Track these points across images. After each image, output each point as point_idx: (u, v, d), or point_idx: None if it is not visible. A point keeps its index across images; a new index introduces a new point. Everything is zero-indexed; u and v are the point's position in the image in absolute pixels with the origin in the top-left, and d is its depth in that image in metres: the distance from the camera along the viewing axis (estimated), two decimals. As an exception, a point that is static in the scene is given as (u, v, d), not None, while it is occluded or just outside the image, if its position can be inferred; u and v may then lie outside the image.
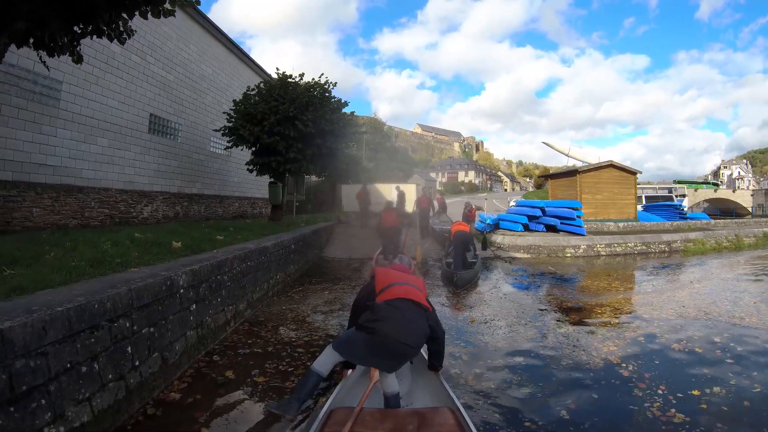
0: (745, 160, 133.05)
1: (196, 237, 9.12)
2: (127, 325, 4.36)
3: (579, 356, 6.00)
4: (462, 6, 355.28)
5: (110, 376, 4.04)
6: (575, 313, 8.45)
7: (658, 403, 4.62)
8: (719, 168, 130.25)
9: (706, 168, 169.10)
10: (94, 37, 8.73)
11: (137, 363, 4.49)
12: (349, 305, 8.97)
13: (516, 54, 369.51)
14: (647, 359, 5.93)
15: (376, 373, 3.86)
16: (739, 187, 79.66)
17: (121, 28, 8.79)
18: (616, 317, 8.19)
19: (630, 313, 8.57)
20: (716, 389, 4.95)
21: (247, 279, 8.04)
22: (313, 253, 14.77)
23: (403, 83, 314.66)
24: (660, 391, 4.91)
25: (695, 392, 4.89)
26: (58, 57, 8.56)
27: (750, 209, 50.33)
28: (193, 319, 5.76)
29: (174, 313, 5.29)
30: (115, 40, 9.05)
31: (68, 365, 3.50)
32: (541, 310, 8.76)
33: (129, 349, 4.37)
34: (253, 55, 29.18)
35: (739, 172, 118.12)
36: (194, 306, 5.80)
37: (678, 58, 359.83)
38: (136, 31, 9.17)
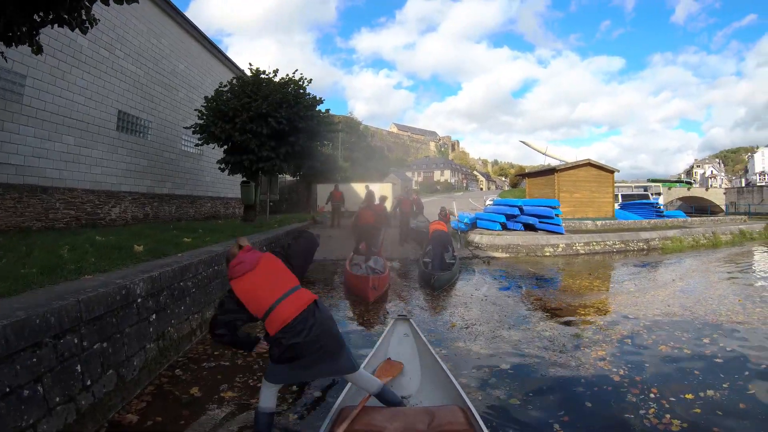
0: (717, 160, 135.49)
1: (162, 240, 8.64)
2: (76, 341, 3.91)
3: (567, 362, 5.69)
4: (441, 6, 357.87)
5: (57, 399, 3.60)
6: (559, 316, 8.17)
7: (653, 409, 4.38)
8: (692, 167, 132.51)
9: (679, 167, 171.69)
10: (56, 26, 8.31)
11: (89, 382, 4.04)
12: (329, 307, 8.64)
13: (493, 55, 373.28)
14: (637, 362, 5.68)
15: (381, 375, 4.08)
16: (712, 186, 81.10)
17: (84, 17, 8.33)
18: (601, 319, 7.94)
19: (615, 313, 8.32)
20: (710, 392, 4.74)
21: (215, 284, 7.56)
22: (287, 255, 14.13)
23: (380, 83, 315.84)
24: (653, 395, 4.69)
25: (689, 396, 4.67)
26: (16, 47, 8.12)
27: (723, 207, 51.00)
28: (153, 331, 5.30)
29: (131, 324, 4.83)
30: (77, 30, 8.62)
31: (7, 390, 3.06)
32: (524, 312, 8.45)
33: (78, 367, 3.92)
34: (230, 54, 28.66)
35: (712, 171, 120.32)
36: (154, 316, 5.34)
37: (653, 60, 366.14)
38: (99, 20, 8.74)
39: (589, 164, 24.85)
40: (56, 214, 13.96)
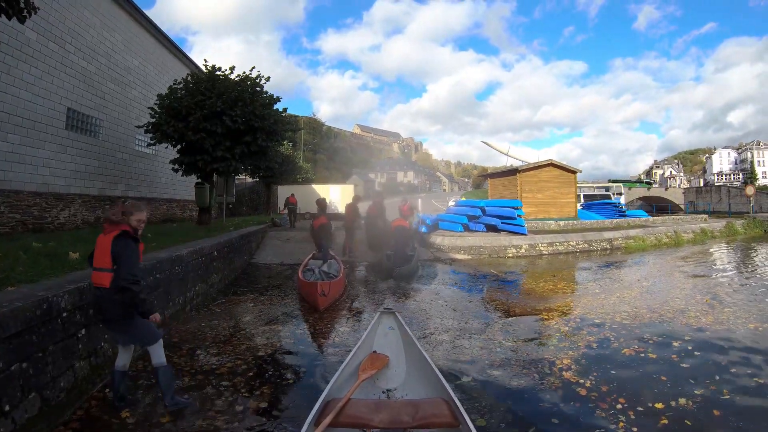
0: (676, 161, 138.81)
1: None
2: (-13, 362, 3.48)
3: (531, 375, 5.36)
4: (408, 9, 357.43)
5: None
6: (523, 322, 7.87)
7: (622, 423, 4.16)
8: (652, 167, 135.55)
9: (638, 167, 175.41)
10: None
11: (7, 408, 3.60)
12: (279, 318, 8.27)
13: (458, 57, 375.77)
14: (604, 371, 5.44)
15: (366, 368, 4.43)
16: (671, 186, 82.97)
17: (21, 4, 7.88)
18: (566, 324, 7.65)
19: (580, 318, 8.05)
20: (682, 401, 4.56)
21: (157, 293, 7.05)
22: (241, 260, 13.81)
23: (345, 84, 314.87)
24: (620, 406, 4.48)
25: (659, 405, 4.47)
26: None
27: (683, 206, 52.08)
28: (82, 348, 4.80)
29: (56, 342, 4.34)
30: (18, 20, 8.15)
31: None
32: (486, 319, 8.12)
33: (-6, 392, 3.49)
34: (195, 53, 28.04)
35: (671, 172, 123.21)
36: (84, 331, 4.84)
37: (614, 64, 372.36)
38: (38, 8, 8.25)
39: (552, 165, 24.92)
40: (0, 218, 13.22)
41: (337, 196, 30.33)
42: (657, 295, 9.70)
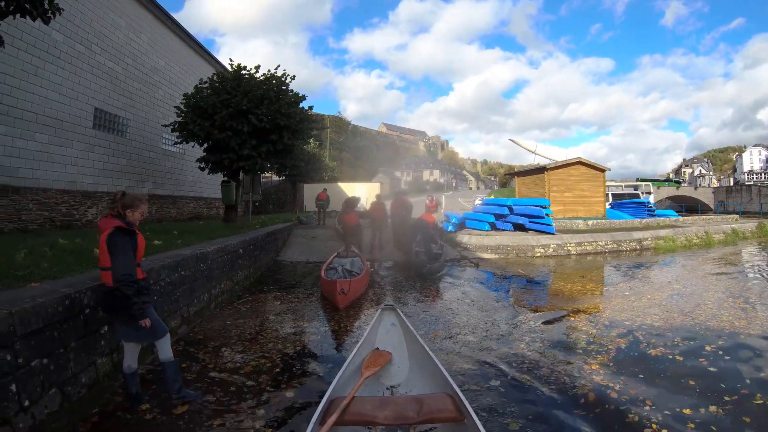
0: (705, 159, 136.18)
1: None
2: (9, 357, 3.45)
3: (561, 379, 5.20)
4: (433, 8, 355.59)
5: None
6: (551, 323, 7.69)
7: (655, 425, 4.06)
8: (681, 166, 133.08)
9: (666, 167, 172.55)
10: (24, 19, 7.94)
11: (27, 403, 3.58)
12: (305, 316, 8.21)
13: (484, 56, 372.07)
14: (634, 375, 5.26)
15: (369, 365, 4.44)
16: (700, 185, 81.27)
17: (46, 5, 7.94)
18: (595, 326, 7.43)
19: (610, 320, 7.81)
20: (712, 408, 4.38)
21: (181, 290, 7.04)
22: (267, 257, 13.83)
23: (372, 83, 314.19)
24: (648, 408, 4.39)
25: (687, 411, 4.33)
26: None
27: (712, 206, 50.98)
28: (104, 344, 4.80)
29: (78, 338, 4.33)
30: (45, 22, 8.24)
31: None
32: (514, 320, 7.94)
33: (13, 386, 3.47)
34: (223, 55, 28.16)
35: (700, 171, 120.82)
36: (106, 327, 4.82)
37: (642, 61, 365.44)
38: (63, 9, 8.30)
39: (580, 163, 24.49)
40: (29, 215, 13.44)
41: (363, 194, 30.24)
42: (689, 298, 9.39)
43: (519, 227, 18.08)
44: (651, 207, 28.29)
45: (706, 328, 7.10)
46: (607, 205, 26.85)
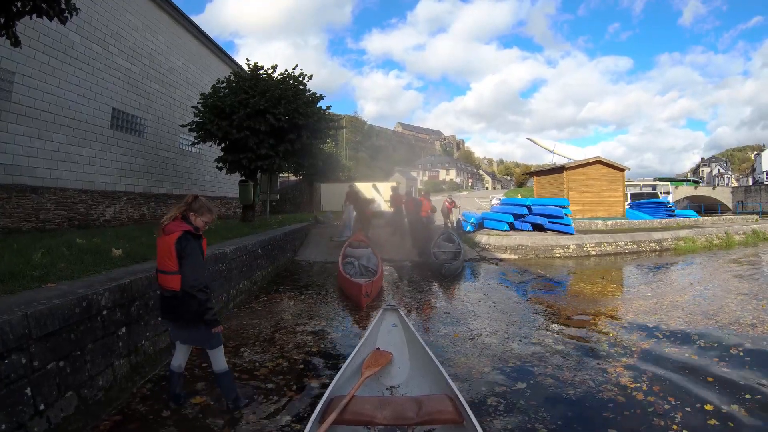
0: (724, 158, 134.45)
1: (145, 242, 8.01)
2: (24, 360, 3.38)
3: (586, 382, 5.10)
4: (451, 8, 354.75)
5: (3, 427, 3.11)
6: (573, 325, 7.57)
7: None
8: (699, 166, 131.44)
9: (684, 166, 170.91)
10: (41, 19, 7.94)
11: (42, 407, 3.52)
12: (321, 316, 8.14)
13: (502, 55, 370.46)
14: (659, 379, 5.18)
15: (370, 365, 4.45)
16: (719, 185, 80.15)
17: (63, 5, 7.93)
18: (617, 328, 7.32)
19: (632, 322, 7.70)
20: (734, 407, 4.40)
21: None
22: (285, 257, 13.79)
23: (390, 83, 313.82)
24: (672, 409, 4.40)
25: (711, 414, 4.30)
26: None
27: (730, 206, 50.25)
28: (122, 346, 4.73)
29: (94, 340, 4.26)
30: (64, 24, 8.26)
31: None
32: (535, 322, 7.84)
33: (28, 390, 3.40)
34: (242, 56, 28.23)
35: (718, 170, 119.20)
36: (124, 329, 4.76)
37: (660, 60, 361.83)
38: (80, 9, 8.28)
39: (599, 162, 24.21)
40: (47, 215, 13.48)
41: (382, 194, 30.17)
42: (711, 300, 9.23)
43: (538, 227, 17.94)
44: (670, 207, 27.91)
45: (730, 331, 6.98)
46: (626, 205, 26.53)
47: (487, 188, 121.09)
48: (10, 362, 3.23)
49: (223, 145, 16.07)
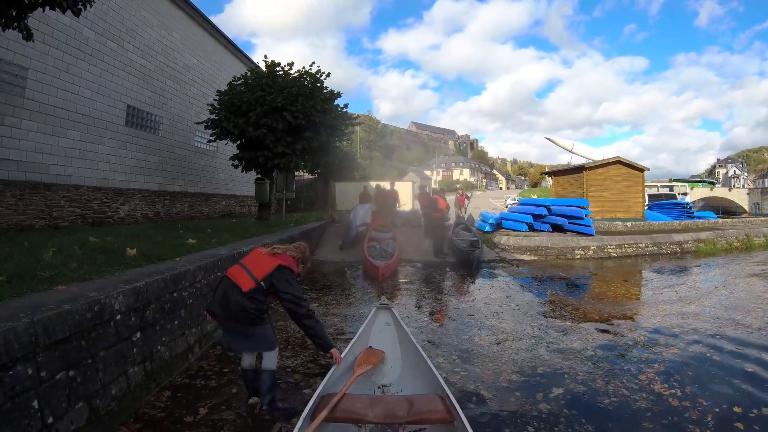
0: (740, 159, 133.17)
1: (161, 241, 7.83)
2: (30, 371, 3.11)
3: (619, 390, 4.89)
4: (468, 8, 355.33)
5: None
6: (599, 329, 7.31)
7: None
8: (714, 166, 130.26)
9: (699, 167, 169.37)
10: (53, 12, 7.79)
11: (50, 420, 3.24)
12: (341, 316, 7.92)
13: (518, 55, 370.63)
14: (692, 384, 5.04)
15: (362, 363, 4.42)
16: (734, 186, 79.24)
17: (76, -3, 7.77)
18: (644, 333, 7.07)
19: (659, 327, 7.45)
20: (765, 410, 4.34)
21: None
22: (302, 257, 13.47)
23: (405, 83, 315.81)
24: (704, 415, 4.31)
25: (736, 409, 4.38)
26: (3, 32, 7.60)
27: (746, 207, 49.64)
28: (137, 352, 4.46)
29: (107, 347, 3.98)
30: (77, 18, 8.12)
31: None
32: (561, 326, 7.57)
33: (35, 403, 3.14)
34: (259, 55, 28.29)
35: (735, 171, 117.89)
36: (138, 334, 4.50)
37: (676, 60, 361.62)
38: (93, 2, 8.09)
39: (619, 162, 23.81)
40: (60, 212, 13.41)
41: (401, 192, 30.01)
42: (738, 305, 8.96)
43: (557, 228, 17.62)
44: (689, 208, 27.49)
45: (760, 336, 6.82)
46: (645, 206, 26.15)
47: (501, 188, 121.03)
48: (14, 373, 2.97)
49: (239, 142, 15.91)
